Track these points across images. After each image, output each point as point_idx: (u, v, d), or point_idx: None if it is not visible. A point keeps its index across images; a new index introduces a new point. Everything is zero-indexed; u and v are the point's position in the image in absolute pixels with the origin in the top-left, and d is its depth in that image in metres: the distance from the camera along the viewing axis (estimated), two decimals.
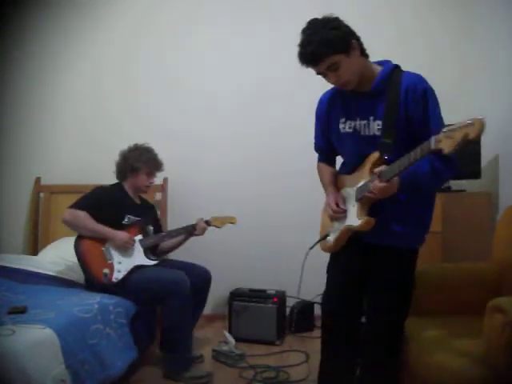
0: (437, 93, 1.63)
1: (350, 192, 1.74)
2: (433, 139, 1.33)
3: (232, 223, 2.76)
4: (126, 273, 2.46)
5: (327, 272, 1.90)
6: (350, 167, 1.78)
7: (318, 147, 1.96)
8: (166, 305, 2.42)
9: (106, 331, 2.14)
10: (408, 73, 1.66)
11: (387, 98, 1.63)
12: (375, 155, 1.64)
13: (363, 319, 1.84)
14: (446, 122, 2.69)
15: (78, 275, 2.75)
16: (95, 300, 2.23)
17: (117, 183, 2.77)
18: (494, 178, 2.78)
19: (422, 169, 1.55)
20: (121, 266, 2.48)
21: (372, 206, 1.65)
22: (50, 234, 3.40)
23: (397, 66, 1.69)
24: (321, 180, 1.93)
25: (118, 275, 2.45)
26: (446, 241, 2.50)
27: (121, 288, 2.43)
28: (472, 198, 2.75)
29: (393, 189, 1.55)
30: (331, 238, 1.80)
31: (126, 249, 2.52)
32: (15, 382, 1.56)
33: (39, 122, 3.66)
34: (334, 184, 1.85)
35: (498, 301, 1.54)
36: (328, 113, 1.81)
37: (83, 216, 2.48)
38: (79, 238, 2.54)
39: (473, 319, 1.89)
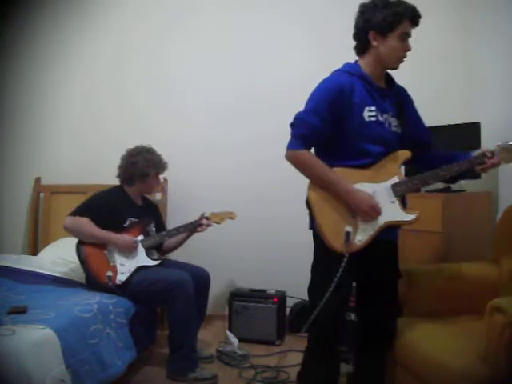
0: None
1: (377, 188, 1.66)
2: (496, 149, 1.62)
3: (231, 218, 2.72)
4: (129, 274, 2.46)
5: (327, 268, 1.68)
6: (373, 157, 1.66)
7: (312, 129, 1.67)
8: (170, 305, 2.41)
9: (105, 331, 2.14)
10: None
11: (396, 97, 1.70)
12: (407, 154, 1.68)
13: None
14: (446, 122, 2.73)
15: (78, 275, 2.76)
16: (95, 300, 2.23)
17: (116, 186, 2.73)
18: (494, 178, 2.77)
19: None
20: (124, 267, 2.48)
21: None
22: (50, 234, 3.40)
23: None
24: (317, 170, 1.69)
25: (121, 277, 2.45)
26: (446, 241, 2.49)
27: (125, 289, 2.43)
28: (472, 198, 2.74)
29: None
30: (361, 238, 1.66)
31: (129, 252, 2.51)
32: (15, 381, 1.56)
33: (39, 122, 3.66)
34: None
35: (498, 301, 1.54)
36: (349, 97, 1.64)
37: (85, 222, 2.46)
38: (81, 243, 2.53)
39: (472, 319, 1.89)
